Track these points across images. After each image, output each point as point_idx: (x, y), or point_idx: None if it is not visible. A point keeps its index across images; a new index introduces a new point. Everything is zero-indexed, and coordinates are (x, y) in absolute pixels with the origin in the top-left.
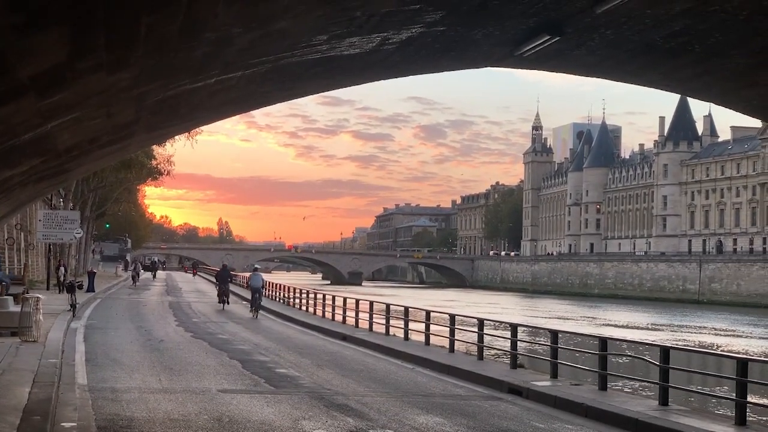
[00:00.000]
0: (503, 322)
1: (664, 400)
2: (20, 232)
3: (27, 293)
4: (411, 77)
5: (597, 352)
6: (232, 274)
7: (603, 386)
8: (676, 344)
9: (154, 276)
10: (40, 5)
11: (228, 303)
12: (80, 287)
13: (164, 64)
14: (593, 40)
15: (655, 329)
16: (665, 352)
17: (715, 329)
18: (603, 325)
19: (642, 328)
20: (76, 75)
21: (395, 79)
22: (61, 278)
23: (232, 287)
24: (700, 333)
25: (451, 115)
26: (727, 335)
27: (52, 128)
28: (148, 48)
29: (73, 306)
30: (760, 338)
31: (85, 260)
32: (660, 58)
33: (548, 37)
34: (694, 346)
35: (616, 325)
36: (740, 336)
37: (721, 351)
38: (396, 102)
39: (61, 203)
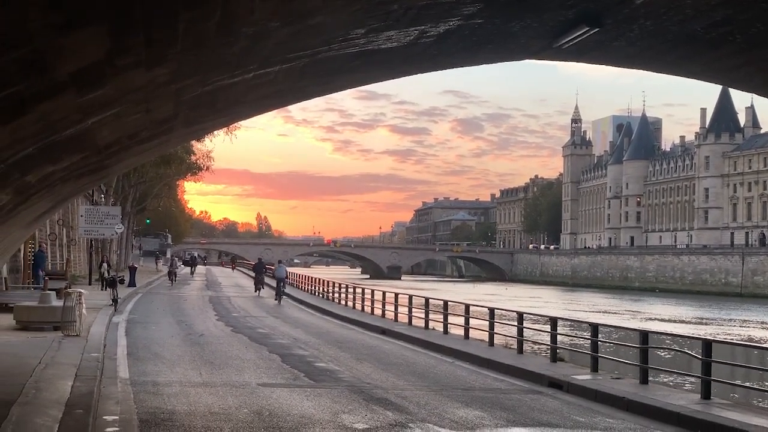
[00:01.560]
0: (543, 316)
1: (706, 394)
2: (62, 228)
3: (69, 288)
4: (446, 71)
5: (638, 346)
6: (271, 268)
7: (644, 380)
8: (721, 338)
9: (193, 272)
10: (79, 4)
11: (263, 288)
12: (121, 282)
13: (202, 59)
14: (632, 31)
15: (699, 323)
16: (707, 345)
17: (762, 322)
18: (647, 319)
19: (686, 322)
20: (116, 71)
21: (431, 72)
22: (104, 274)
23: (266, 279)
24: (746, 327)
25: (488, 109)
26: None
27: (92, 124)
28: (186, 44)
29: (114, 300)
30: None
31: (126, 255)
32: (701, 49)
33: (587, 29)
34: (737, 340)
35: (660, 319)
36: None
37: (764, 344)
38: (432, 96)
39: (102, 199)
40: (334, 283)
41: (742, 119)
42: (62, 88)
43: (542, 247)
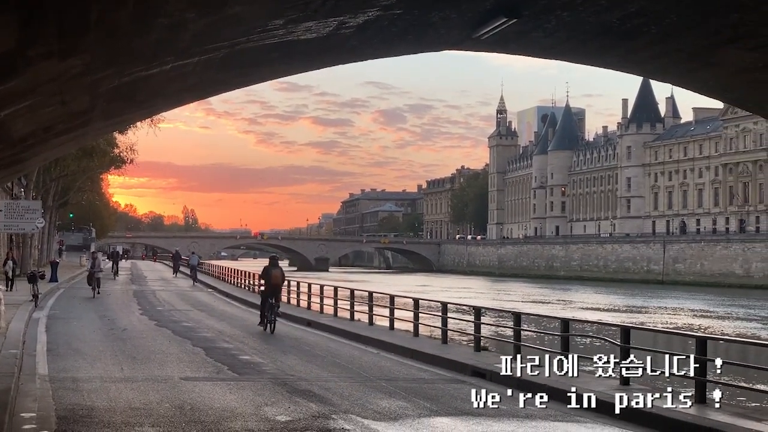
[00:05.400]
0: (467, 306)
1: (625, 380)
2: None
3: None
4: (367, 62)
5: (559, 333)
6: (185, 259)
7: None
8: (653, 326)
9: (115, 271)
10: None
11: (178, 274)
12: (42, 277)
13: (117, 50)
14: (550, 22)
15: (629, 311)
16: (626, 332)
17: (692, 310)
18: (579, 308)
19: (616, 310)
20: (27, 62)
21: (352, 63)
22: (8, 273)
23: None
24: (676, 314)
25: (410, 100)
26: (703, 316)
27: (5, 116)
28: (100, 34)
29: (35, 296)
30: (739, 319)
31: (48, 250)
32: (617, 40)
33: (505, 20)
34: (657, 326)
35: (591, 308)
36: (722, 317)
37: (682, 330)
38: (354, 87)
39: (23, 193)
40: (258, 275)
41: (662, 109)
42: None
43: (469, 237)
